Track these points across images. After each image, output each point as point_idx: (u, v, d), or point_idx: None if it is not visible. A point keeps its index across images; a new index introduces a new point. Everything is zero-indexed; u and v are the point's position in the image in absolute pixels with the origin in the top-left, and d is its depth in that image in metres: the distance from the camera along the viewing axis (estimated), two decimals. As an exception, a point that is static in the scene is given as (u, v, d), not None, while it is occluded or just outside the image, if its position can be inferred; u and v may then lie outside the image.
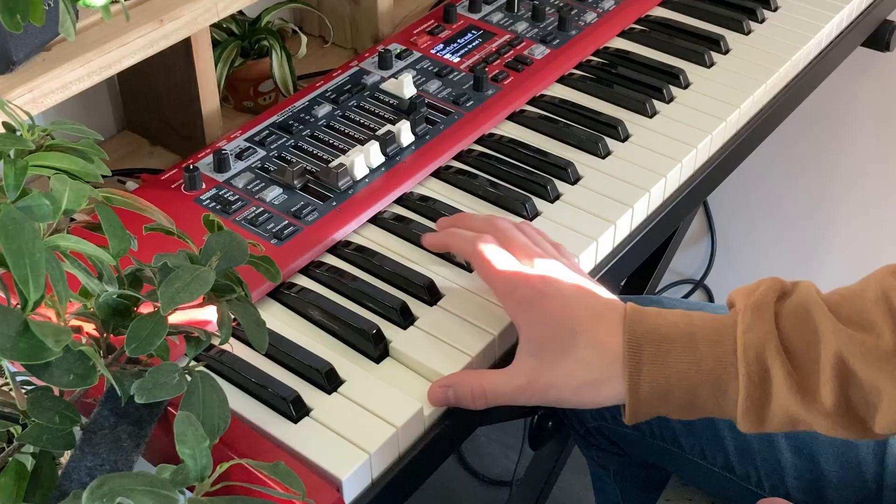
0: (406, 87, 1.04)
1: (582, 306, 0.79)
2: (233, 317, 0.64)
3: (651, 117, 1.07)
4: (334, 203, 0.92)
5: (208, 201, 0.92)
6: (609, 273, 0.94)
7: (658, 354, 0.76)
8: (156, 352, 0.60)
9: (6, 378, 0.59)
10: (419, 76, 1.08)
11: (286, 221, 0.90)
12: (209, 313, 0.65)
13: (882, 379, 0.72)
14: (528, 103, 1.09)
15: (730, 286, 2.05)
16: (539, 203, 0.96)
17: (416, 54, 1.11)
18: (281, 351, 0.80)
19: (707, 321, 0.77)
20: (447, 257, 0.90)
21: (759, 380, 0.74)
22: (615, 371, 0.76)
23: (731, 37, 1.19)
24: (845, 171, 1.77)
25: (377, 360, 0.81)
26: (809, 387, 0.73)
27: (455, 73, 1.09)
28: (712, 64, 1.15)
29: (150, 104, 1.06)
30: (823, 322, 0.74)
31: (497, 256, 0.82)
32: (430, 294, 0.86)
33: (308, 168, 0.95)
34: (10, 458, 0.62)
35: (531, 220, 0.94)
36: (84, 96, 1.00)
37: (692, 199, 1.05)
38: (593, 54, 1.16)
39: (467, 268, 0.89)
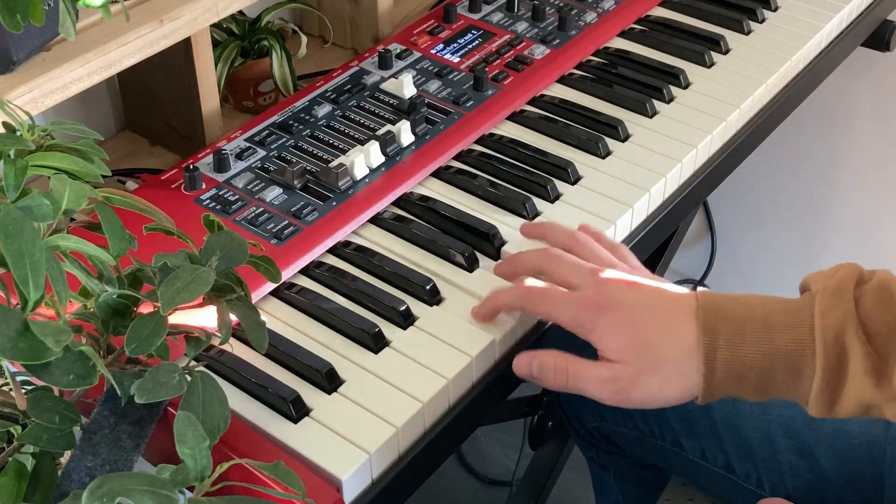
0: (406, 87, 1.04)
1: (649, 307, 0.79)
2: (233, 317, 0.64)
3: (651, 117, 1.07)
4: (334, 203, 0.92)
5: (208, 201, 0.92)
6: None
7: (734, 336, 0.76)
8: (156, 352, 0.60)
9: (6, 378, 0.59)
10: (419, 76, 1.08)
11: (286, 221, 0.90)
12: (209, 313, 0.65)
13: None
14: (528, 103, 1.09)
15: (730, 286, 2.05)
16: (539, 203, 0.96)
17: (416, 54, 1.11)
18: (281, 351, 0.80)
19: (782, 304, 0.77)
20: (447, 257, 0.90)
21: (836, 361, 0.74)
22: (697, 360, 0.76)
23: (731, 37, 1.19)
24: (845, 171, 1.77)
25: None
26: (887, 370, 0.73)
27: (455, 73, 1.09)
28: (712, 64, 1.15)
29: (150, 104, 1.06)
30: None
31: (546, 296, 0.81)
32: (430, 294, 0.86)
33: (308, 168, 0.95)
34: (10, 458, 0.62)
35: (531, 220, 0.94)
36: (84, 96, 1.00)
37: (692, 199, 1.05)
38: (593, 54, 1.16)
39: (467, 268, 0.89)
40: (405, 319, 0.84)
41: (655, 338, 0.77)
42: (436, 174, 0.99)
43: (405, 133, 0.99)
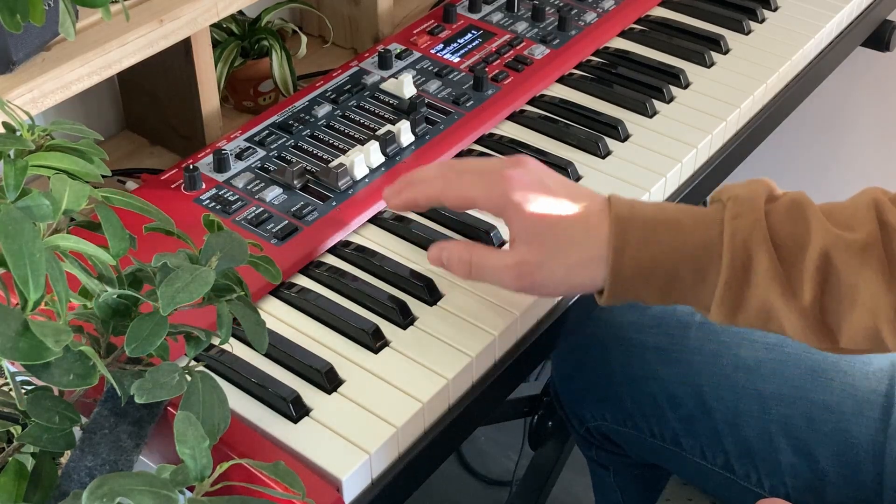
0: (406, 87, 1.04)
1: (565, 192, 0.80)
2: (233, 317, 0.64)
3: (651, 117, 1.07)
4: (334, 203, 0.92)
5: (208, 201, 0.92)
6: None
7: (644, 233, 0.76)
8: (156, 352, 0.60)
9: (6, 378, 0.59)
10: (419, 76, 1.08)
11: (286, 221, 0.90)
12: (209, 313, 0.65)
13: (861, 276, 0.73)
14: (528, 103, 1.09)
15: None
16: (539, 203, 0.96)
17: (416, 54, 1.11)
18: (281, 351, 0.80)
19: (693, 209, 0.78)
20: None
21: (741, 266, 0.75)
22: (606, 251, 0.77)
23: (731, 37, 1.19)
24: (845, 171, 1.77)
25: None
26: (791, 280, 0.74)
27: (455, 73, 1.09)
28: (712, 64, 1.15)
29: (150, 104, 1.06)
30: (814, 220, 0.75)
31: (461, 177, 0.81)
32: (430, 294, 0.86)
33: (308, 168, 0.95)
34: (10, 458, 0.62)
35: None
36: (84, 96, 1.00)
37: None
38: (593, 54, 1.16)
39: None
40: (405, 319, 0.84)
41: (568, 221, 0.78)
42: (436, 174, 0.99)
43: (405, 133, 0.99)
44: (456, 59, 1.11)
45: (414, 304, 0.85)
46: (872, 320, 0.73)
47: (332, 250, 0.90)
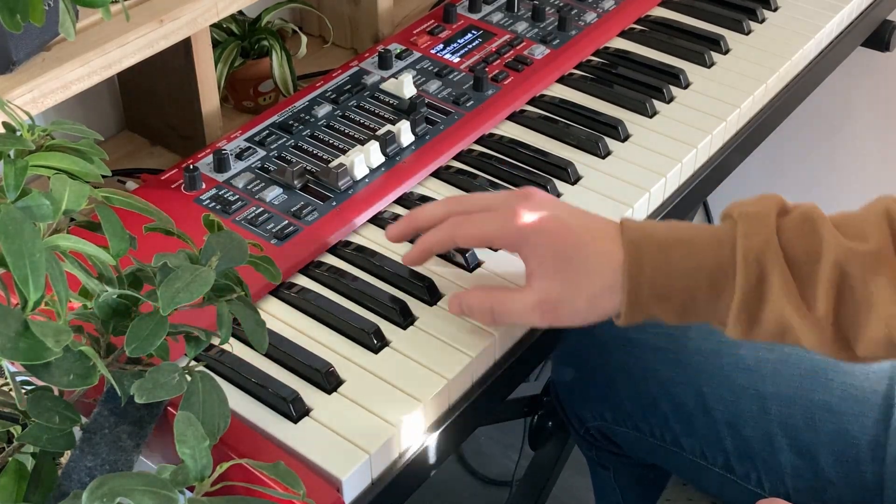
0: (406, 87, 1.04)
1: (578, 223, 0.81)
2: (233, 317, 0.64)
3: (651, 117, 1.07)
4: (334, 203, 0.92)
5: (208, 201, 0.92)
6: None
7: (659, 255, 0.77)
8: (156, 352, 0.60)
9: (6, 378, 0.59)
10: (419, 76, 1.08)
11: (286, 221, 0.90)
12: (209, 313, 0.65)
13: (875, 286, 0.73)
14: (528, 103, 1.09)
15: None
16: (539, 203, 0.95)
17: (416, 54, 1.11)
18: (281, 351, 0.80)
19: (705, 228, 0.79)
20: (447, 257, 0.90)
21: (755, 282, 0.75)
22: (623, 277, 0.77)
23: (731, 37, 1.19)
24: (845, 171, 1.77)
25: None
26: (805, 294, 0.75)
27: (455, 73, 1.09)
28: (712, 64, 1.15)
29: (150, 104, 1.06)
30: (827, 233, 0.75)
31: (471, 218, 0.81)
32: (430, 294, 0.86)
33: (308, 168, 0.95)
34: (10, 458, 0.62)
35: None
36: (84, 96, 1.00)
37: (692, 199, 1.05)
38: (593, 54, 1.16)
39: (467, 268, 0.89)
40: (405, 319, 0.84)
41: (583, 252, 0.78)
42: (436, 174, 0.99)
43: (405, 133, 0.99)
44: (456, 59, 1.11)
45: (414, 304, 0.85)
46: (888, 329, 0.73)
47: (332, 250, 0.90)
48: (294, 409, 0.75)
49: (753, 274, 0.75)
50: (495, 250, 0.90)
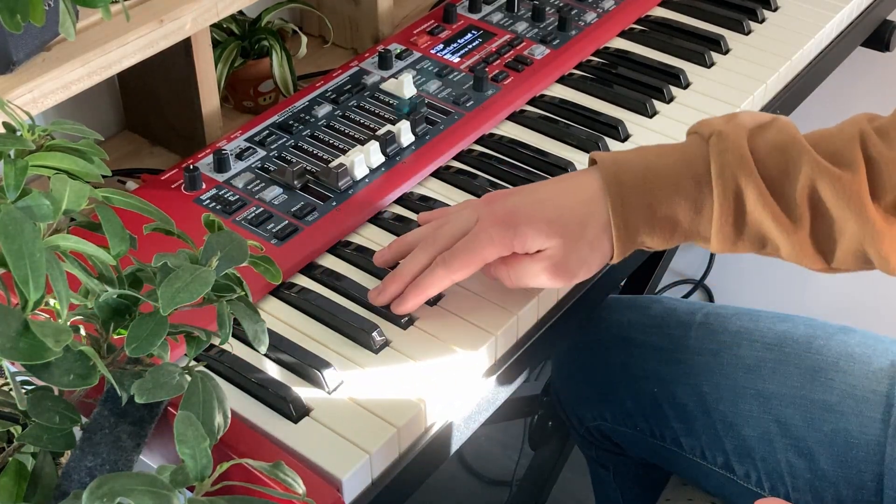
0: (406, 87, 1.04)
1: (547, 186, 0.84)
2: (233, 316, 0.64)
3: (651, 117, 1.07)
4: (334, 203, 0.92)
5: (208, 201, 0.92)
6: (609, 272, 0.94)
7: (637, 185, 0.80)
8: (156, 352, 0.60)
9: (6, 378, 0.59)
10: (419, 76, 1.08)
11: (286, 221, 0.90)
12: (209, 313, 0.65)
13: (848, 214, 0.77)
14: (528, 103, 1.09)
15: (730, 286, 2.05)
16: (539, 203, 0.95)
17: (416, 54, 1.11)
18: (281, 351, 0.80)
19: (672, 146, 0.82)
20: None
21: (733, 197, 0.78)
22: (609, 209, 0.80)
23: (731, 37, 1.19)
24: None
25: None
26: (782, 209, 0.78)
27: (455, 73, 1.09)
28: (712, 64, 1.15)
29: (150, 104, 1.06)
30: (802, 152, 0.78)
31: (464, 250, 0.82)
32: (430, 294, 0.86)
33: (308, 168, 0.95)
34: (10, 458, 0.62)
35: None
36: (84, 96, 1.00)
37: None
38: (593, 54, 1.16)
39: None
40: (405, 320, 0.84)
41: (567, 203, 0.81)
42: (436, 174, 0.99)
43: (405, 133, 0.99)
44: (456, 60, 1.11)
45: (414, 304, 0.85)
46: (859, 244, 0.77)
47: (332, 250, 0.90)
48: (294, 409, 0.75)
49: (731, 189, 0.78)
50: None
